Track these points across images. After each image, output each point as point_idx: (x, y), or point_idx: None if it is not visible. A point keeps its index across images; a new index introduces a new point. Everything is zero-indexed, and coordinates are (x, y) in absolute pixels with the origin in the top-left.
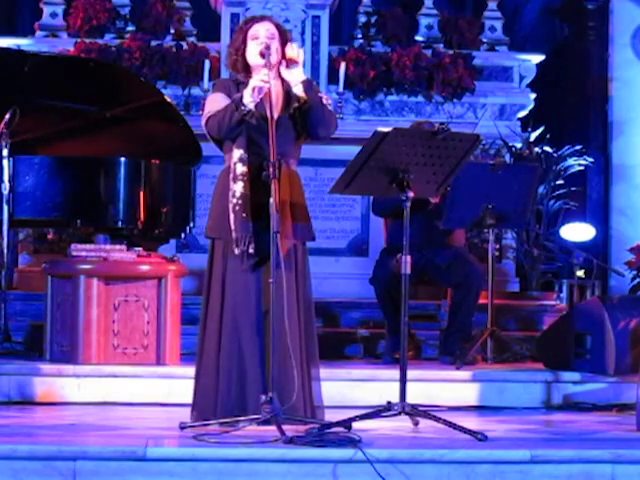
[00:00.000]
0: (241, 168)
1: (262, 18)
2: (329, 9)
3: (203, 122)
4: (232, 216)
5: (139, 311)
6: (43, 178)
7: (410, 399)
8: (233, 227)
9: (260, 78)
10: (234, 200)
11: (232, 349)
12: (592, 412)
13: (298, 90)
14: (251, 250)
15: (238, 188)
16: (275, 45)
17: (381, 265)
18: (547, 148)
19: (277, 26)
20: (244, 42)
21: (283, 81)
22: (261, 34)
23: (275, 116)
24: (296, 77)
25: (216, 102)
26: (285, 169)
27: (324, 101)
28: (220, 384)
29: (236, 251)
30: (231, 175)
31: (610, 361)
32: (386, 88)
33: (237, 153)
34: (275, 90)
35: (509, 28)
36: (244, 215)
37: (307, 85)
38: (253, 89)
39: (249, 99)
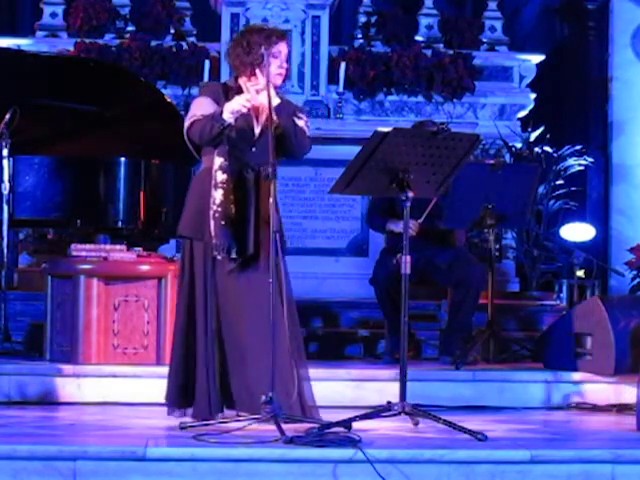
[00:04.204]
0: (221, 176)
1: (283, 36)
2: (329, 9)
3: (187, 124)
4: (212, 222)
5: (139, 311)
6: (43, 178)
7: (410, 399)
8: (213, 234)
9: (242, 103)
10: (214, 207)
11: (214, 350)
12: (592, 412)
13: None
14: (233, 255)
15: (218, 195)
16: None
17: (381, 265)
18: (547, 148)
19: None
20: (263, 56)
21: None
22: (282, 55)
23: (258, 130)
24: (267, 102)
25: (202, 106)
26: (264, 178)
27: (299, 123)
28: (204, 382)
29: (218, 257)
30: (212, 182)
31: (610, 361)
32: (386, 88)
33: (218, 161)
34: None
35: (509, 28)
36: (223, 223)
37: (276, 110)
38: (232, 111)
39: (228, 115)
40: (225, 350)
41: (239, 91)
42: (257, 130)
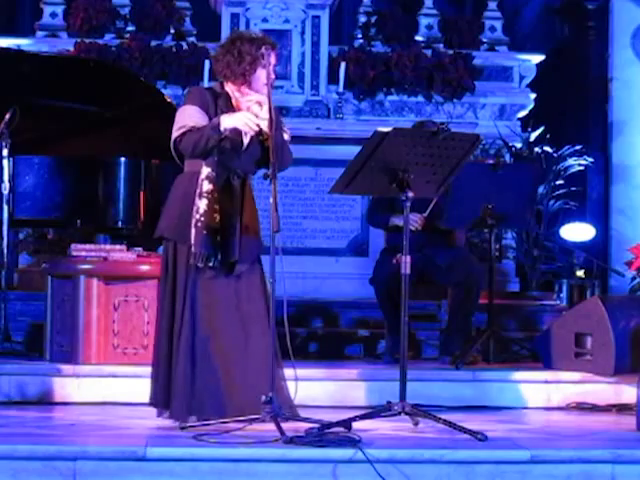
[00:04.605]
0: (207, 186)
1: (273, 46)
2: (329, 9)
3: (176, 135)
4: (194, 230)
5: (139, 311)
6: (43, 178)
7: (410, 399)
8: (193, 242)
9: (250, 125)
10: (197, 216)
11: (189, 354)
12: (592, 412)
13: (263, 125)
14: (211, 264)
15: (202, 205)
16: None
17: (381, 265)
18: (547, 148)
19: None
20: (255, 65)
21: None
22: (270, 66)
23: (247, 140)
24: (260, 114)
25: (191, 117)
26: (248, 185)
27: (285, 137)
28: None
29: (199, 264)
30: (198, 191)
31: (610, 361)
32: (386, 88)
33: (205, 171)
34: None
35: (509, 28)
36: (204, 232)
37: (270, 124)
38: (232, 129)
39: (225, 127)
40: (200, 355)
41: (228, 98)
42: (246, 140)
